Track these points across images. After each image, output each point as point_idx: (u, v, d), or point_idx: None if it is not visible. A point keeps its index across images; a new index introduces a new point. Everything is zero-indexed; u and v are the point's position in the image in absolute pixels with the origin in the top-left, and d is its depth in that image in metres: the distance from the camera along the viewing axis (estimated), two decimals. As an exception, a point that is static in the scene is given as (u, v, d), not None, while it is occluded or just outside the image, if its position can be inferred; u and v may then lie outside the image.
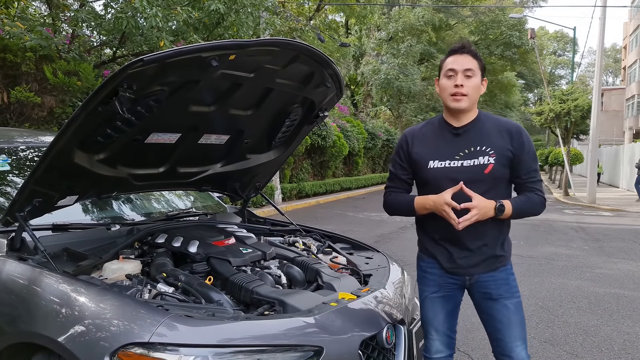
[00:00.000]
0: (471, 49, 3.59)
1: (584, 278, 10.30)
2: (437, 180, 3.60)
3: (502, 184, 3.61)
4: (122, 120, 3.33)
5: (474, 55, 3.57)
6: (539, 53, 45.66)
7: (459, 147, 3.59)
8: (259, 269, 4.04)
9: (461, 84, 3.51)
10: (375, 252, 5.16)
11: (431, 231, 3.78)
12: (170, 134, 3.99)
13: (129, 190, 4.49)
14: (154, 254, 4.01)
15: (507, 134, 3.58)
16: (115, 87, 3.06)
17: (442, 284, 3.76)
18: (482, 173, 3.51)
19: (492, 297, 3.66)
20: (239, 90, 3.90)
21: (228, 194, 5.49)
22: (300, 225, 5.59)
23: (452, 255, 3.68)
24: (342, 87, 4.54)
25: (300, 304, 3.38)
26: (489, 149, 3.53)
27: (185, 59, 3.16)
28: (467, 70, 3.52)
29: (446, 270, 3.72)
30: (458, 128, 3.62)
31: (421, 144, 3.73)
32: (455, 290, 3.77)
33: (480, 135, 3.59)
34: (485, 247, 3.62)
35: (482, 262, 3.64)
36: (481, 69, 3.60)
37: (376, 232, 15.60)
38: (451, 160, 3.58)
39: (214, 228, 4.58)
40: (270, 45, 3.57)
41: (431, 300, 3.80)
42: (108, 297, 3.04)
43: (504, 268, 3.69)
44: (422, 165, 3.67)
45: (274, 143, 5.00)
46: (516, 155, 3.56)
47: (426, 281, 3.83)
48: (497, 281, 3.66)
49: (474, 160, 3.53)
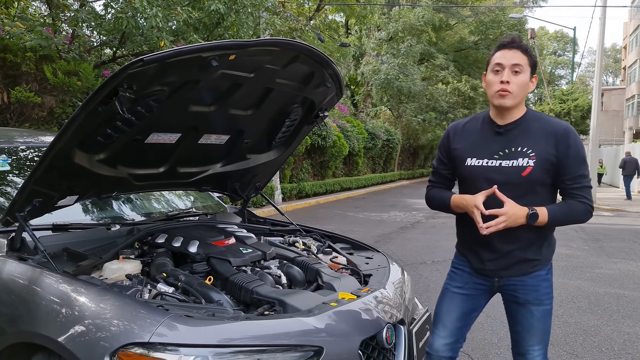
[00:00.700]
0: (521, 43, 3.46)
1: (584, 278, 10.32)
2: (473, 179, 3.54)
3: (543, 189, 3.47)
4: (122, 120, 3.34)
5: (524, 51, 3.45)
6: (539, 53, 45.70)
7: (499, 146, 3.49)
8: (259, 269, 4.04)
9: (507, 80, 3.39)
10: (375, 252, 5.13)
11: (464, 230, 3.75)
12: (170, 134, 3.99)
13: (129, 190, 4.49)
14: (154, 254, 4.01)
15: (552, 136, 3.40)
16: (115, 87, 3.07)
17: (469, 282, 3.73)
18: (520, 175, 3.39)
19: (519, 302, 3.59)
20: (239, 90, 3.90)
21: (228, 194, 5.49)
22: (300, 225, 5.59)
23: (481, 257, 3.62)
24: (342, 87, 4.54)
25: (300, 304, 3.38)
26: (530, 150, 3.40)
27: (186, 59, 3.17)
28: (515, 65, 3.40)
29: (476, 270, 3.69)
30: (501, 126, 3.51)
31: (462, 140, 3.66)
32: (480, 292, 3.73)
33: (524, 136, 3.46)
34: (517, 251, 3.52)
35: (513, 265, 3.55)
36: (531, 65, 3.47)
37: (376, 232, 15.59)
38: (489, 159, 3.49)
39: (214, 228, 4.58)
40: (270, 45, 3.58)
41: (451, 295, 3.79)
42: (108, 297, 3.04)
43: (537, 273, 3.57)
44: (460, 161, 3.62)
45: (274, 143, 5.01)
46: (560, 160, 3.39)
47: (454, 276, 3.82)
48: (526, 286, 3.57)
49: (513, 162, 3.42)
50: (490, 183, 3.42)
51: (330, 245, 5.09)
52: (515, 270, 3.56)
